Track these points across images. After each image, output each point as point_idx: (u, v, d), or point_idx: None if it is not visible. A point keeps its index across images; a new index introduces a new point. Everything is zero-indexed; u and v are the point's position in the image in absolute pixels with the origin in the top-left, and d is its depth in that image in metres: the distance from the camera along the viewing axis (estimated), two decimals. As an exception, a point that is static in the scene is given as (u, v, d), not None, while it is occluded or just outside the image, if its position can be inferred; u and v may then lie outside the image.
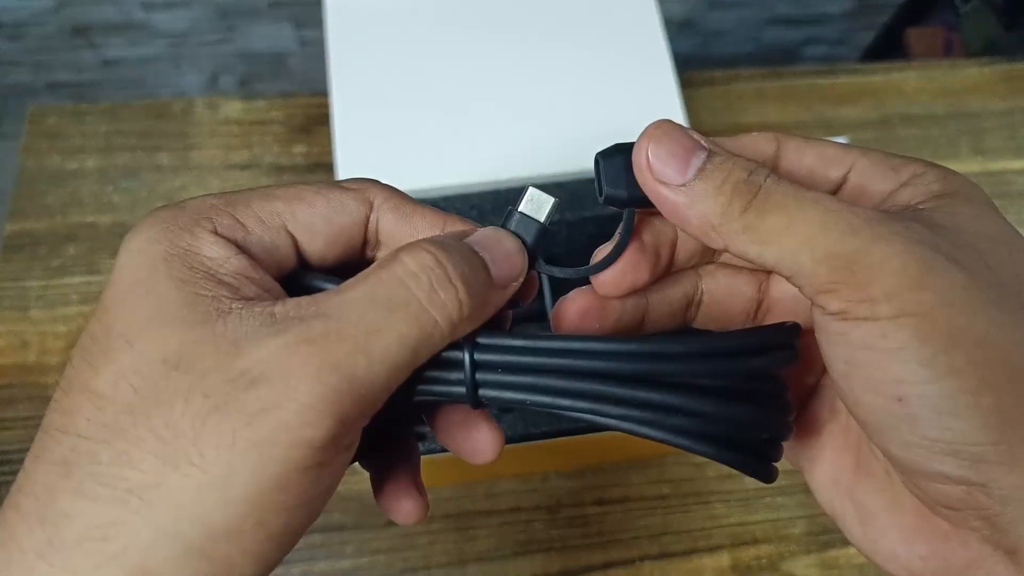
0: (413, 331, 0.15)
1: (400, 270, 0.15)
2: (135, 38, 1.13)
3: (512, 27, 0.42)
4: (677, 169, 0.16)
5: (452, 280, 0.16)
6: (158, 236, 0.16)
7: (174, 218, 0.16)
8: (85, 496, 0.14)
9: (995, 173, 0.56)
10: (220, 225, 0.16)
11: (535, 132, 0.39)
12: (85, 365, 0.15)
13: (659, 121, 0.17)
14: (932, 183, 0.17)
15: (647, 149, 0.17)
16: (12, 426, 0.45)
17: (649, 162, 0.17)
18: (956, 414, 0.14)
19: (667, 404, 0.16)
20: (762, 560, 0.43)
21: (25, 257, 0.50)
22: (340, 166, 0.38)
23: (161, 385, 0.14)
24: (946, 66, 0.60)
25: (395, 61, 0.40)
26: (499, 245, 0.17)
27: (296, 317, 0.15)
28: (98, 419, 0.14)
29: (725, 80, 0.57)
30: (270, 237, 0.17)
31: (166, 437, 0.14)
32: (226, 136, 0.54)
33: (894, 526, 0.18)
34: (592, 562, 0.42)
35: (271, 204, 0.17)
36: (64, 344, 0.47)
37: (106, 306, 0.15)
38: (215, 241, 0.16)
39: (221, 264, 0.15)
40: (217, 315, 0.15)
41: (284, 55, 1.20)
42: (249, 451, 0.14)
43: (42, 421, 0.15)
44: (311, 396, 0.14)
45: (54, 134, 0.54)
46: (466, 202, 0.38)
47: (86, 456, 0.14)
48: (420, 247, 0.16)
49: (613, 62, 0.41)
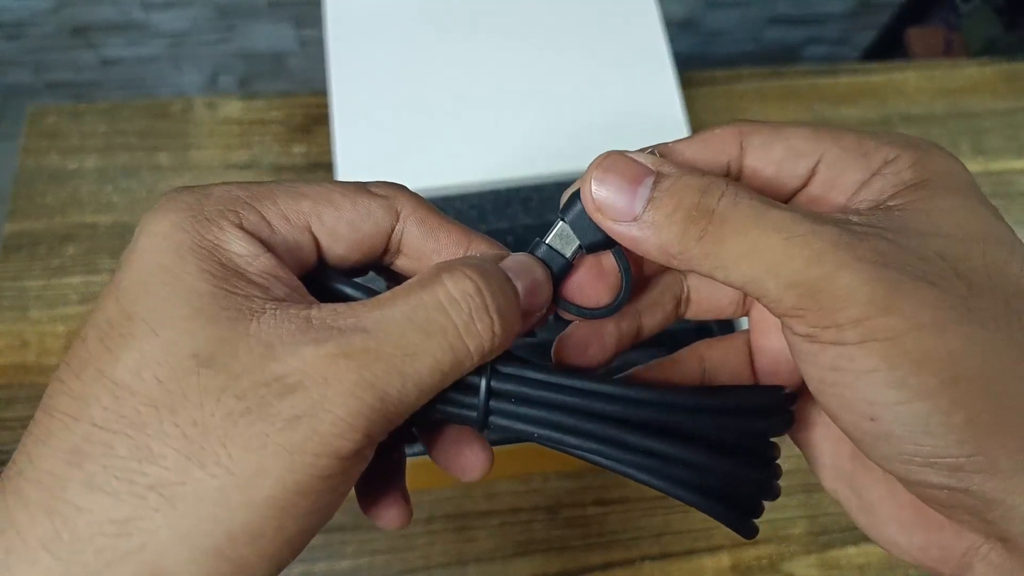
0: (447, 357, 0.15)
1: (441, 294, 0.15)
2: (134, 38, 1.12)
3: (512, 27, 0.41)
4: (626, 204, 0.16)
5: (489, 311, 0.15)
6: (183, 223, 0.15)
7: (199, 206, 0.15)
8: (99, 489, 0.13)
9: (996, 173, 0.56)
10: (246, 220, 0.16)
11: (535, 132, 0.39)
12: (102, 348, 0.14)
13: (602, 155, 0.17)
14: (904, 171, 0.16)
15: (591, 189, 0.16)
16: (11, 426, 0.45)
17: (596, 202, 0.16)
18: (929, 432, 0.14)
19: (670, 455, 0.17)
20: (762, 560, 0.43)
21: (24, 257, 0.50)
22: (340, 166, 0.38)
23: (190, 381, 0.14)
24: (947, 66, 0.60)
25: (394, 61, 0.40)
26: (530, 274, 0.17)
27: (334, 327, 0.14)
28: (116, 409, 0.14)
29: (726, 80, 0.57)
30: (294, 237, 0.16)
31: (192, 435, 0.13)
32: (226, 136, 0.54)
33: (893, 517, 0.18)
34: (592, 563, 0.42)
35: (298, 203, 0.16)
36: (63, 344, 0.47)
37: (124, 287, 0.15)
38: (242, 237, 0.15)
39: (249, 262, 0.15)
40: (250, 314, 0.14)
41: (284, 55, 1.20)
42: (279, 455, 0.13)
43: (44, 400, 0.14)
44: (346, 410, 0.14)
45: (53, 134, 0.54)
46: (466, 202, 0.38)
47: (101, 447, 0.13)
48: (462, 272, 0.16)
49: (613, 62, 0.41)
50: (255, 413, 0.14)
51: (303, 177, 0.52)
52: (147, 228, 0.15)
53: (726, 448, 0.17)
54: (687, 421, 0.17)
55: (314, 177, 0.52)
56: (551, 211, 0.38)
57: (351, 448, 0.14)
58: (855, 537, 0.44)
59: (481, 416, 0.17)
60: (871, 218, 0.16)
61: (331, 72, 0.40)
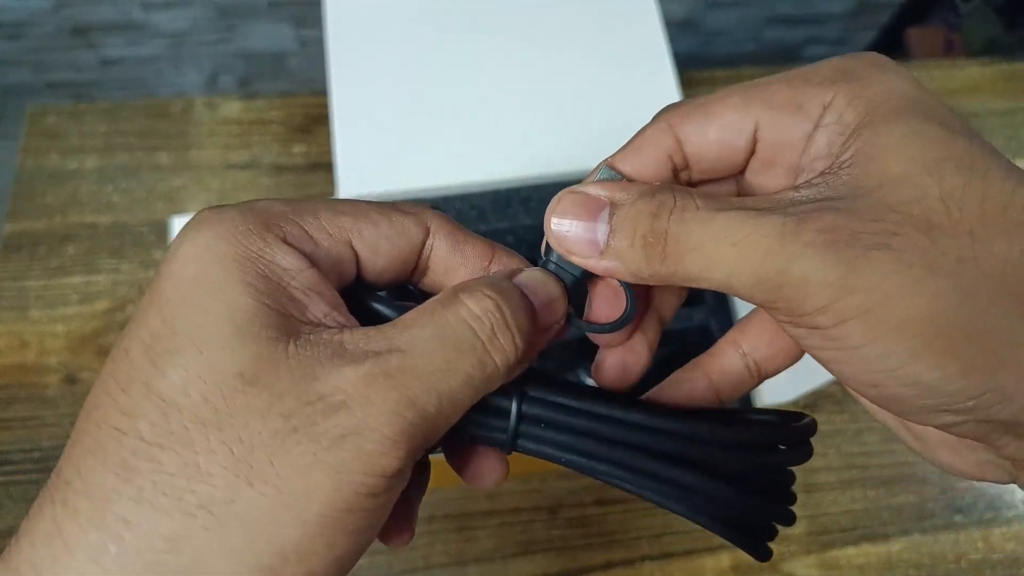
0: (477, 372, 0.15)
1: (464, 312, 0.16)
2: (134, 38, 1.12)
3: (512, 27, 0.41)
4: (588, 241, 0.16)
5: (509, 326, 0.16)
6: (226, 235, 0.15)
7: (242, 218, 0.15)
8: (147, 503, 0.13)
9: (995, 173, 0.56)
10: (290, 234, 0.16)
11: (535, 132, 0.39)
12: (147, 362, 0.14)
13: (557, 196, 0.17)
14: (844, 111, 0.16)
15: (553, 232, 0.17)
16: (11, 426, 0.45)
17: (562, 244, 0.17)
18: (931, 387, 0.14)
19: (694, 487, 0.17)
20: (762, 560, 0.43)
21: (24, 257, 0.50)
22: (340, 166, 0.38)
23: (236, 400, 0.14)
24: (946, 66, 0.60)
25: (395, 61, 0.40)
26: (544, 289, 0.18)
27: (368, 350, 0.15)
28: (164, 425, 0.14)
29: (726, 80, 0.57)
30: (336, 251, 0.17)
31: (239, 453, 0.14)
32: (225, 136, 0.54)
33: (942, 444, 0.18)
34: (593, 562, 0.42)
35: (338, 218, 0.17)
36: (63, 344, 0.47)
37: (167, 297, 0.15)
38: (287, 250, 0.15)
39: (294, 276, 0.15)
40: (288, 336, 0.15)
41: (284, 55, 1.20)
42: (327, 473, 0.14)
43: (88, 410, 0.15)
44: (390, 428, 0.14)
45: (53, 134, 0.54)
46: (466, 202, 0.38)
47: (149, 462, 0.14)
48: (480, 292, 0.16)
49: (613, 62, 0.41)
50: (301, 432, 0.14)
51: (303, 178, 0.52)
52: (189, 237, 0.15)
53: (748, 478, 0.18)
54: (712, 453, 0.18)
55: (314, 178, 0.52)
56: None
57: (396, 466, 0.14)
58: (855, 537, 0.44)
59: (510, 439, 0.17)
60: (820, 188, 0.15)
61: (331, 72, 0.40)
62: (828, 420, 0.47)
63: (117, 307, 0.49)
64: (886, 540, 0.44)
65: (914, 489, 0.45)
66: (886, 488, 0.45)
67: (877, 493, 0.45)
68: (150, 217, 0.51)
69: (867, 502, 0.45)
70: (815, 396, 0.48)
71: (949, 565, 0.43)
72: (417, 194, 0.38)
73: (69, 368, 0.47)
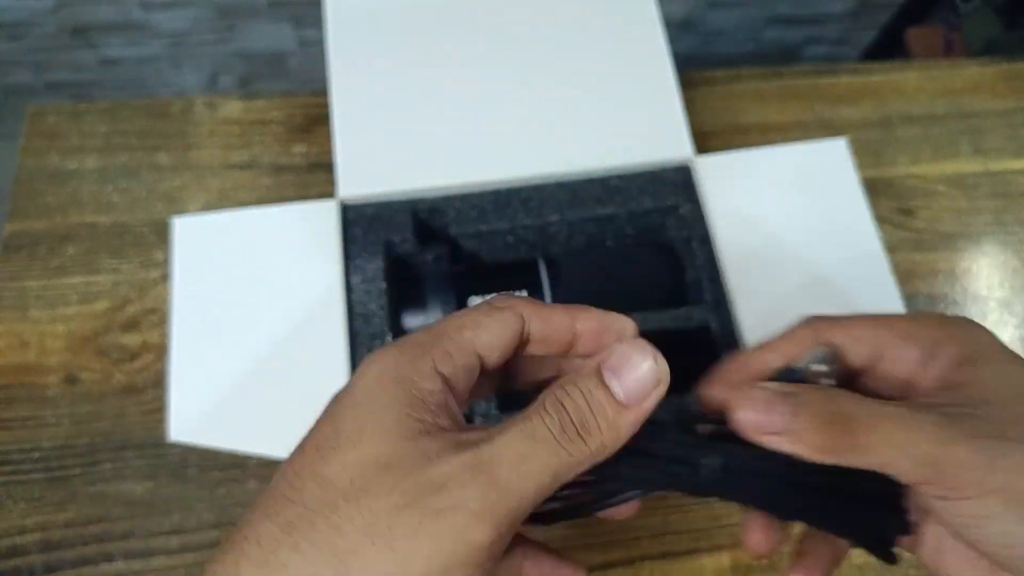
0: (553, 459, 0.19)
1: (541, 410, 0.20)
2: (134, 38, 1.13)
3: (512, 27, 0.41)
4: (773, 423, 0.20)
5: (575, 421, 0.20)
6: (390, 364, 0.21)
7: (400, 354, 0.21)
8: (300, 552, 0.18)
9: (996, 173, 0.56)
10: (437, 359, 0.21)
11: (536, 132, 0.39)
12: (316, 456, 0.19)
13: (739, 396, 0.21)
14: (951, 349, 0.22)
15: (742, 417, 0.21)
16: (11, 426, 0.45)
17: (757, 427, 0.21)
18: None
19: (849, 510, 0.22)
20: (762, 561, 0.43)
21: (24, 257, 0.50)
22: (340, 166, 0.38)
23: (372, 480, 0.18)
24: (946, 66, 0.60)
25: (395, 61, 0.40)
26: (630, 367, 0.21)
27: (471, 443, 0.19)
28: (321, 497, 0.18)
29: (725, 80, 0.57)
30: (465, 361, 0.21)
31: (369, 519, 0.18)
32: (225, 136, 0.54)
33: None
34: (593, 562, 0.42)
35: (462, 335, 0.21)
36: (63, 344, 0.47)
37: (340, 414, 0.20)
38: (432, 376, 0.20)
39: (430, 395, 0.20)
40: (421, 434, 0.19)
41: (284, 55, 1.20)
42: (428, 540, 0.18)
43: (269, 488, 0.20)
44: (477, 504, 0.18)
45: (53, 134, 0.54)
46: (466, 202, 0.38)
47: (307, 523, 0.18)
48: (553, 393, 0.20)
49: (613, 62, 0.41)
50: (414, 506, 0.18)
51: (303, 178, 0.52)
52: (367, 367, 0.21)
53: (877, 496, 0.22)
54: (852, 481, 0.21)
55: (314, 178, 0.52)
56: (551, 211, 0.38)
57: (482, 539, 0.18)
58: (855, 537, 0.44)
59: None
60: (948, 397, 0.21)
61: (331, 72, 0.40)
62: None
63: (117, 307, 0.49)
64: (886, 540, 0.44)
65: (914, 489, 0.45)
66: (886, 488, 0.45)
67: (877, 493, 0.45)
68: (150, 217, 0.51)
69: (867, 502, 0.45)
70: (815, 396, 0.48)
71: (949, 565, 0.43)
72: (417, 194, 0.38)
73: (69, 368, 0.47)
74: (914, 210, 0.54)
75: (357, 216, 0.37)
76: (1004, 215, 0.54)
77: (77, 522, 0.43)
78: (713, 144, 0.55)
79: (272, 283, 0.35)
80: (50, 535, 0.43)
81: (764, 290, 0.36)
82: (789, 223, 0.37)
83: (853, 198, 0.37)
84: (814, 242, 0.37)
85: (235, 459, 0.45)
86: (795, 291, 0.35)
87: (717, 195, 0.38)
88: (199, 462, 0.44)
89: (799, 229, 0.37)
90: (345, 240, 0.36)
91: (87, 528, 0.43)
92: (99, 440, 0.45)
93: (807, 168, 0.38)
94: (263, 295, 0.34)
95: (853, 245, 0.37)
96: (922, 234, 0.53)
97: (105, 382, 0.46)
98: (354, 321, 0.34)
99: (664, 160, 0.39)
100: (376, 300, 0.35)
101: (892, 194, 0.54)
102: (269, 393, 0.32)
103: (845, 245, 0.37)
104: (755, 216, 0.37)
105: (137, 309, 0.48)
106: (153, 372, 0.46)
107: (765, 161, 0.38)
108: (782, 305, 0.35)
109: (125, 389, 0.46)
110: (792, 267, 0.36)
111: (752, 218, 0.37)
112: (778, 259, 0.36)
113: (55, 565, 0.42)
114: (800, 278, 0.36)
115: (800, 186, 0.38)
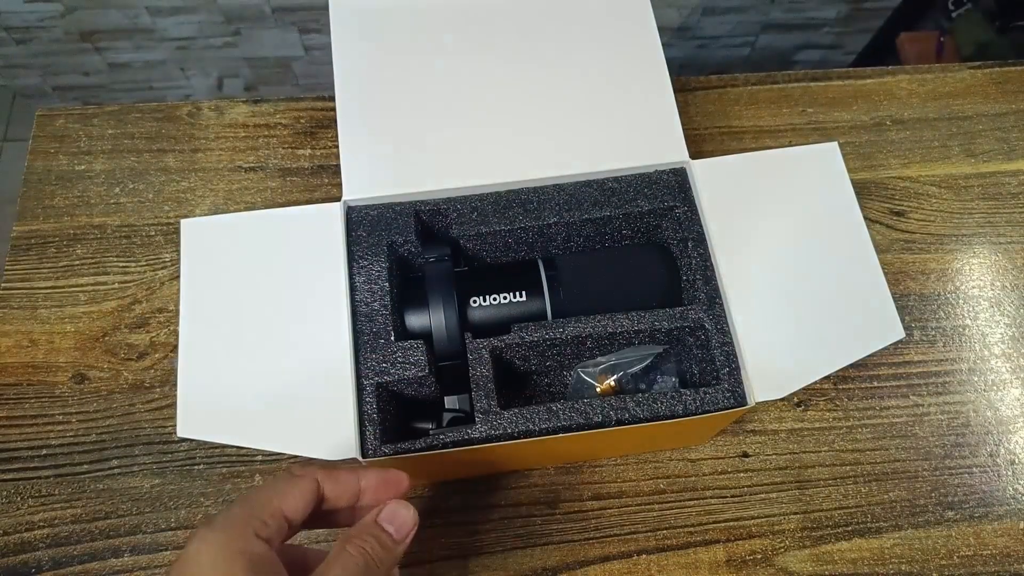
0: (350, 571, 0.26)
1: (345, 556, 0.27)
2: (142, 42, 1.14)
3: (511, 35, 0.42)
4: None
5: (373, 556, 0.27)
6: (222, 541, 0.25)
7: (229, 529, 0.26)
8: None
9: (987, 175, 0.57)
10: (257, 529, 0.26)
11: (535, 136, 0.40)
12: None
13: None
14: None
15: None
16: (20, 424, 0.46)
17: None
18: None
19: None
20: (756, 554, 0.44)
21: (33, 258, 0.51)
22: (345, 170, 0.39)
23: None
24: (938, 70, 0.61)
25: (398, 68, 0.41)
26: (398, 516, 0.29)
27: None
28: None
29: (720, 85, 0.58)
30: (277, 524, 0.27)
31: None
32: (232, 139, 0.55)
33: None
34: (590, 556, 0.43)
35: (271, 503, 0.27)
36: (72, 343, 0.48)
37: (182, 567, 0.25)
38: (258, 542, 0.26)
39: (261, 558, 0.25)
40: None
41: (290, 60, 1.21)
42: None
43: None
44: None
45: (62, 136, 0.55)
46: (466, 204, 0.39)
47: None
48: (352, 541, 0.27)
49: (610, 67, 0.42)
50: None
51: (308, 181, 0.53)
52: (199, 547, 0.25)
53: None
54: None
55: (319, 180, 0.53)
56: (550, 213, 0.39)
57: None
58: (847, 532, 0.45)
59: None
60: None
61: (337, 77, 0.41)
62: (821, 417, 0.48)
63: (125, 307, 0.50)
64: (879, 535, 0.45)
65: (906, 485, 0.46)
66: (878, 484, 0.46)
67: (869, 489, 0.46)
68: (158, 219, 0.52)
69: (859, 498, 0.46)
70: (808, 392, 0.48)
71: (941, 560, 0.44)
72: (419, 196, 0.39)
73: (78, 367, 0.48)
74: (906, 212, 0.55)
75: (361, 218, 0.38)
76: (994, 216, 0.55)
77: (85, 518, 0.44)
78: (708, 147, 0.56)
79: (278, 283, 0.36)
80: (58, 531, 0.43)
81: (757, 290, 0.36)
82: (781, 225, 0.38)
83: (845, 200, 0.38)
84: (806, 243, 0.37)
85: (241, 455, 0.45)
86: (787, 292, 0.36)
87: (711, 197, 0.38)
88: (206, 458, 0.45)
89: (791, 230, 0.38)
90: (349, 241, 0.37)
91: (95, 524, 0.43)
92: (107, 437, 0.46)
93: (799, 171, 0.39)
94: (269, 295, 0.35)
95: (845, 246, 0.37)
96: (913, 235, 0.54)
97: (113, 380, 0.47)
98: (358, 320, 0.35)
99: (660, 163, 0.40)
100: (379, 300, 0.36)
101: (884, 196, 0.55)
102: (275, 390, 0.33)
103: (837, 246, 0.37)
104: (748, 218, 0.38)
105: (145, 309, 0.49)
106: (161, 371, 0.47)
107: (758, 164, 0.39)
108: (775, 305, 0.36)
109: (133, 387, 0.47)
110: (784, 268, 0.37)
111: (745, 220, 0.38)
112: (771, 260, 0.37)
113: (63, 561, 0.42)
114: (792, 279, 0.37)
115: (792, 188, 0.39)
